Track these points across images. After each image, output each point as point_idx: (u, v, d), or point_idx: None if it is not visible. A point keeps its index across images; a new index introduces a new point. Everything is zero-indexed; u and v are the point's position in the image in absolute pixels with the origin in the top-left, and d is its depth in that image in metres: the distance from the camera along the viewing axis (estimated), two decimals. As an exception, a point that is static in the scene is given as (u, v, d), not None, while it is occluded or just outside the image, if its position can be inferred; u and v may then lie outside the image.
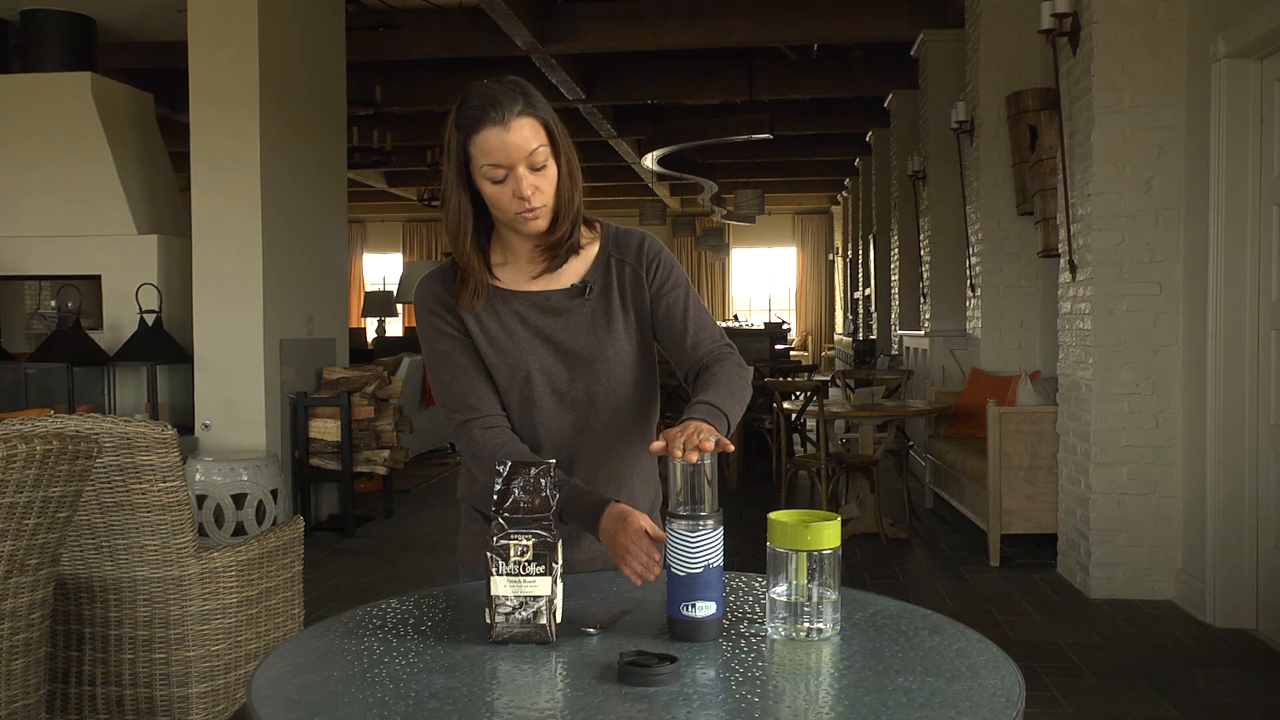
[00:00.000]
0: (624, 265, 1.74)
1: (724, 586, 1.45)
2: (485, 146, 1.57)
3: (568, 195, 1.64)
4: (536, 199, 1.60)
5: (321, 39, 6.47)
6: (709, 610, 1.39)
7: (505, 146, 1.56)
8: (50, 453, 2.14)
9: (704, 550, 1.39)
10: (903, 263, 10.07)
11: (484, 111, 1.56)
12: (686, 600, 1.39)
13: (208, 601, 2.74)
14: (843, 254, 18.83)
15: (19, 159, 6.22)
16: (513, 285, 1.71)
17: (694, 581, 1.39)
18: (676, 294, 1.75)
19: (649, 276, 1.74)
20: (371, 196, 17.80)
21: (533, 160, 1.58)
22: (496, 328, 1.69)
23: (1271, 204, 4.13)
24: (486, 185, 1.60)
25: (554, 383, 1.70)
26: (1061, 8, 4.82)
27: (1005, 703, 1.17)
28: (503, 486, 1.43)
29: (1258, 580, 4.22)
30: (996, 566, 5.29)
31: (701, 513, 1.40)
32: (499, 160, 1.57)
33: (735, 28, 8.19)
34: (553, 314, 1.70)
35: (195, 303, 5.76)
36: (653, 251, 1.75)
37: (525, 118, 1.57)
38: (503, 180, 1.58)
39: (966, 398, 6.63)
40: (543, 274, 1.71)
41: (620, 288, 1.73)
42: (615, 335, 1.71)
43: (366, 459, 6.30)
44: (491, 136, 1.56)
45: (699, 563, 1.39)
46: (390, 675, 1.26)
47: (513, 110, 1.57)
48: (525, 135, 1.57)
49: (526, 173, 1.58)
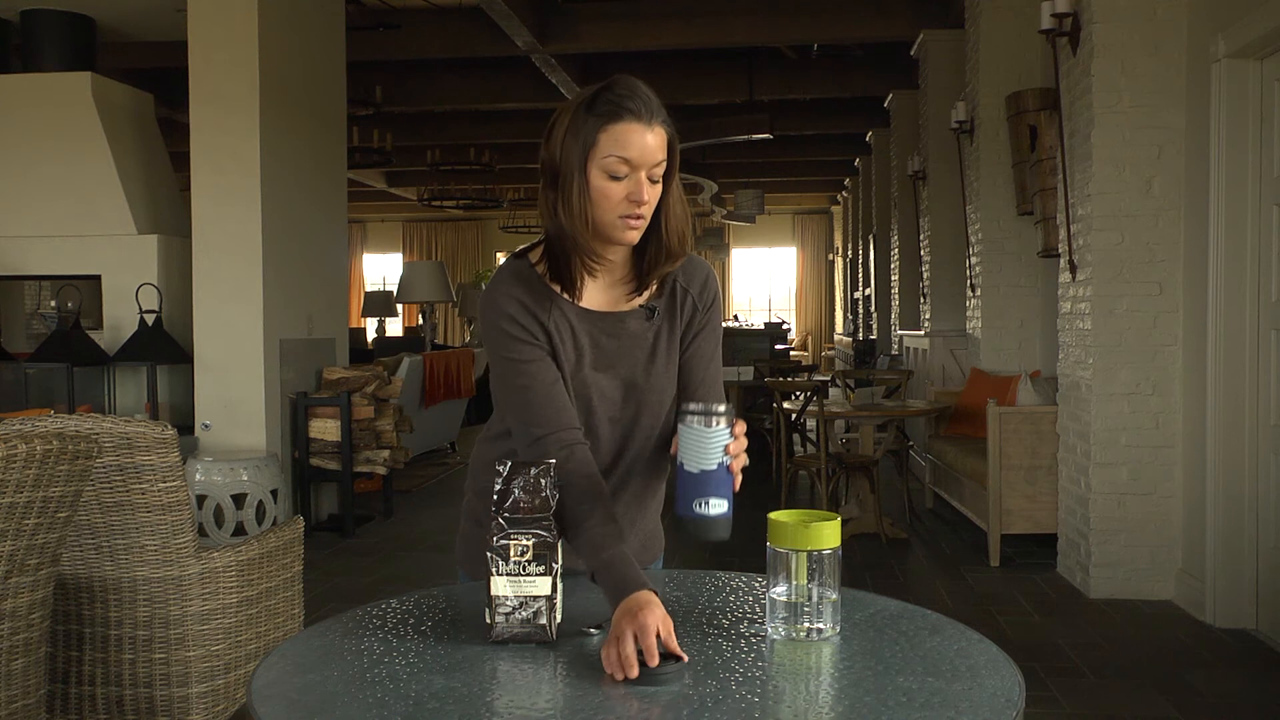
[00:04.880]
0: (687, 295, 1.69)
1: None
2: (621, 138, 1.51)
3: (680, 219, 1.62)
4: (646, 208, 1.56)
5: (321, 39, 6.47)
6: (721, 509, 1.40)
7: (642, 145, 1.52)
8: (50, 453, 2.14)
9: (718, 446, 1.40)
10: (903, 263, 10.07)
11: (631, 103, 1.52)
12: (700, 498, 1.40)
13: (208, 601, 2.74)
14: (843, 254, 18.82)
15: (19, 159, 6.22)
16: (589, 305, 1.65)
17: (708, 479, 1.40)
18: (712, 341, 1.72)
19: (703, 311, 1.71)
20: (371, 196, 17.80)
21: (654, 172, 1.55)
22: (570, 347, 1.63)
23: (1271, 204, 4.13)
24: (600, 179, 1.53)
25: (610, 409, 1.66)
26: (1061, 8, 4.82)
27: (1005, 703, 1.17)
28: (503, 486, 1.42)
29: (1258, 580, 4.22)
30: (996, 566, 5.29)
31: (717, 410, 1.41)
32: (629, 155, 1.52)
33: (735, 28, 8.19)
34: (619, 338, 1.65)
35: (195, 303, 5.76)
36: (713, 289, 1.72)
37: (664, 128, 1.55)
38: (622, 178, 1.53)
39: (966, 398, 6.63)
40: (620, 298, 1.66)
41: (680, 315, 1.69)
42: (669, 363, 1.68)
43: (366, 459, 6.30)
44: (632, 130, 1.52)
45: (713, 459, 1.40)
46: (390, 675, 1.26)
47: (658, 115, 1.54)
48: (659, 143, 1.54)
49: (646, 180, 1.54)
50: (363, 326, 17.30)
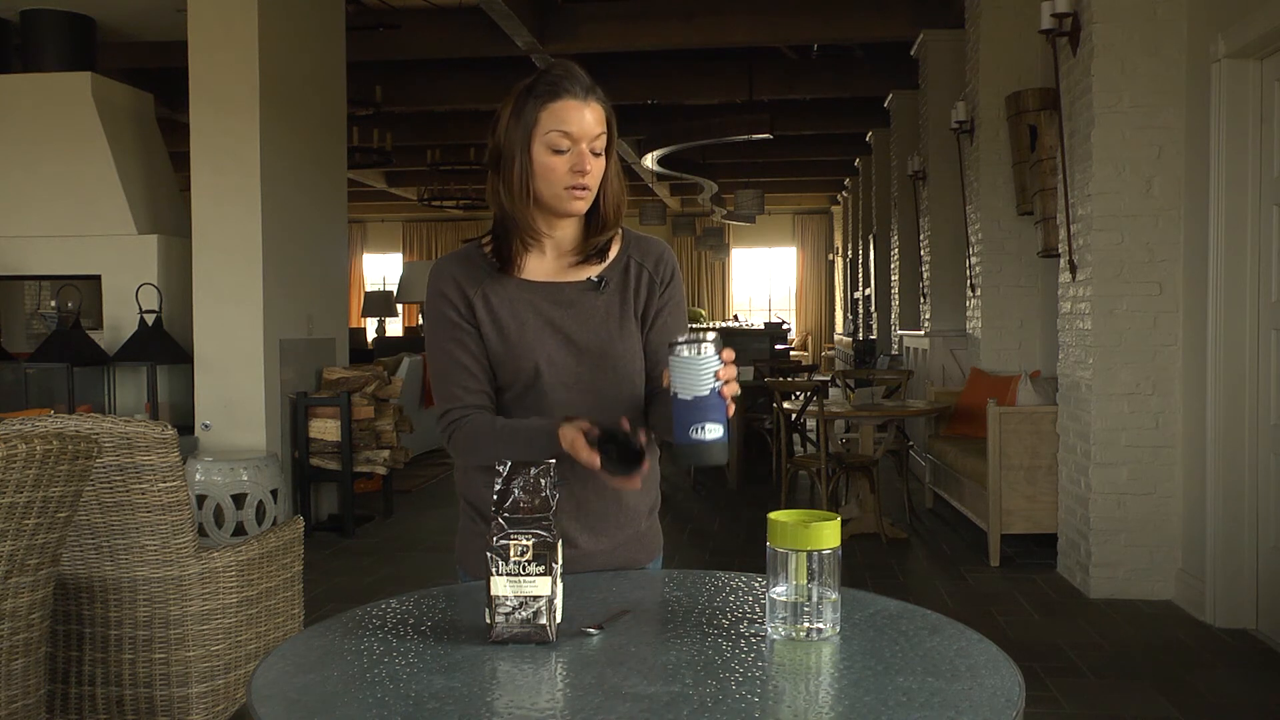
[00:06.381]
0: (641, 269, 1.78)
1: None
2: (560, 115, 1.64)
3: (616, 192, 1.74)
4: (590, 178, 1.67)
5: (321, 39, 6.47)
6: (717, 433, 1.45)
7: (580, 120, 1.64)
8: (50, 453, 2.14)
9: (708, 372, 1.45)
10: (903, 263, 10.07)
11: (566, 83, 1.65)
12: (696, 423, 1.45)
13: (208, 601, 2.74)
14: (843, 254, 18.82)
15: (19, 159, 6.22)
16: (531, 276, 1.74)
17: (702, 404, 1.45)
18: (677, 315, 1.80)
19: (661, 287, 1.78)
20: (371, 196, 17.80)
21: (594, 145, 1.66)
22: (508, 316, 1.72)
23: (1271, 204, 4.13)
24: (545, 154, 1.65)
25: (562, 375, 1.71)
26: (1061, 8, 4.82)
27: (1005, 703, 1.17)
28: (502, 486, 1.43)
29: (1258, 580, 4.22)
30: (996, 566, 5.29)
31: (705, 338, 1.46)
32: (570, 130, 1.63)
33: (735, 28, 8.19)
34: (564, 306, 1.73)
35: (195, 303, 5.76)
36: (670, 265, 1.81)
37: (599, 104, 1.67)
38: (564, 151, 1.65)
39: (966, 398, 6.63)
40: (566, 268, 1.75)
41: (635, 289, 1.76)
42: (626, 333, 1.74)
43: (366, 459, 6.30)
44: (570, 107, 1.64)
45: (705, 385, 1.45)
46: (390, 675, 1.26)
47: (593, 92, 1.66)
48: (597, 118, 1.66)
49: (588, 152, 1.65)
50: (363, 326, 17.31)
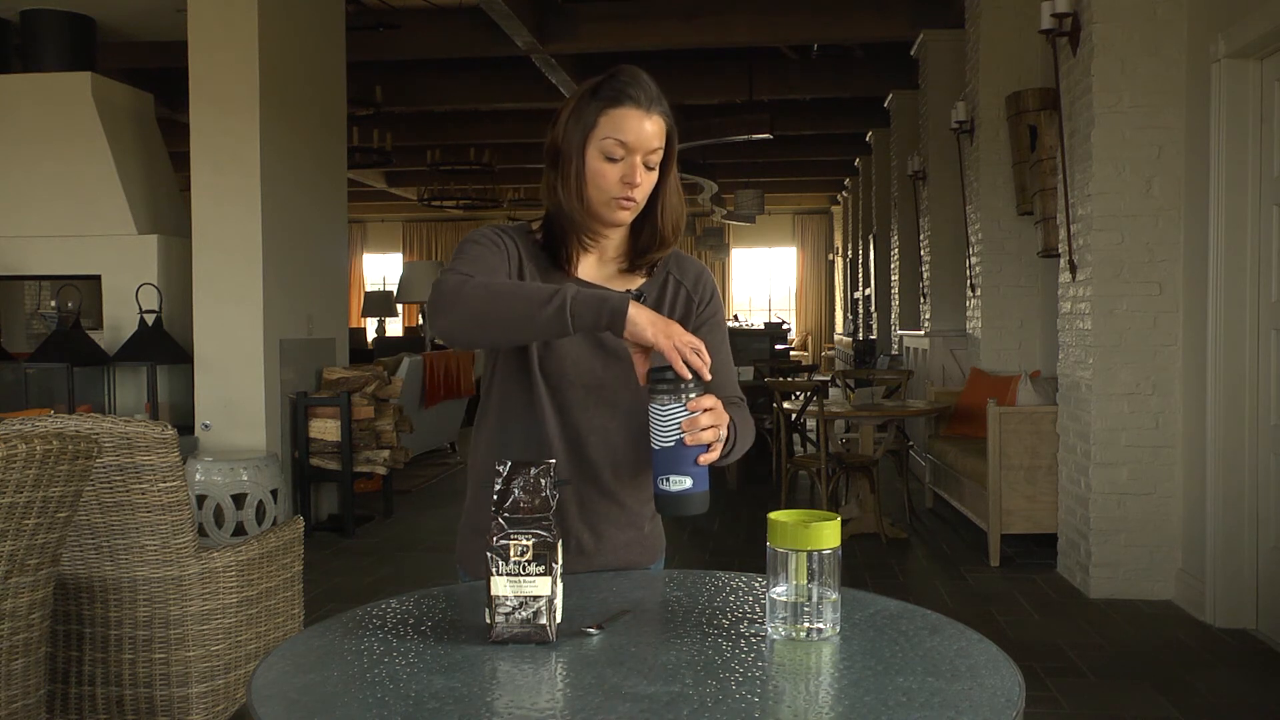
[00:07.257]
0: (680, 286, 1.75)
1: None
2: (620, 122, 1.59)
3: (675, 208, 1.69)
4: (639, 192, 1.63)
5: (321, 39, 6.47)
6: (684, 485, 1.43)
7: (639, 130, 1.59)
8: (50, 453, 2.14)
9: (673, 423, 1.42)
10: (903, 263, 10.07)
11: (631, 89, 1.60)
12: (662, 474, 1.43)
13: (208, 601, 2.74)
14: (843, 254, 18.82)
15: (19, 159, 6.22)
16: (579, 275, 1.71)
17: (666, 455, 1.43)
18: (716, 334, 1.76)
19: (699, 306, 1.75)
20: (371, 196, 17.80)
21: (650, 158, 1.62)
22: None
23: (1271, 204, 4.13)
24: (598, 160, 1.61)
25: (584, 375, 1.68)
26: (1061, 8, 4.82)
27: (1005, 703, 1.17)
28: (503, 486, 1.42)
29: (1258, 580, 4.22)
30: (996, 566, 5.29)
31: (675, 386, 1.42)
32: (626, 139, 1.59)
33: (735, 28, 8.19)
34: None
35: (195, 303, 5.76)
36: (709, 284, 1.78)
37: (663, 118, 1.62)
38: (618, 160, 1.61)
39: (966, 398, 6.63)
40: (610, 275, 1.72)
41: (671, 306, 1.74)
42: None
43: (366, 459, 6.30)
44: (630, 115, 1.59)
45: (670, 436, 1.42)
46: (390, 675, 1.26)
47: (658, 104, 1.62)
48: (657, 131, 1.61)
49: (641, 165, 1.61)
50: (363, 326, 17.31)
